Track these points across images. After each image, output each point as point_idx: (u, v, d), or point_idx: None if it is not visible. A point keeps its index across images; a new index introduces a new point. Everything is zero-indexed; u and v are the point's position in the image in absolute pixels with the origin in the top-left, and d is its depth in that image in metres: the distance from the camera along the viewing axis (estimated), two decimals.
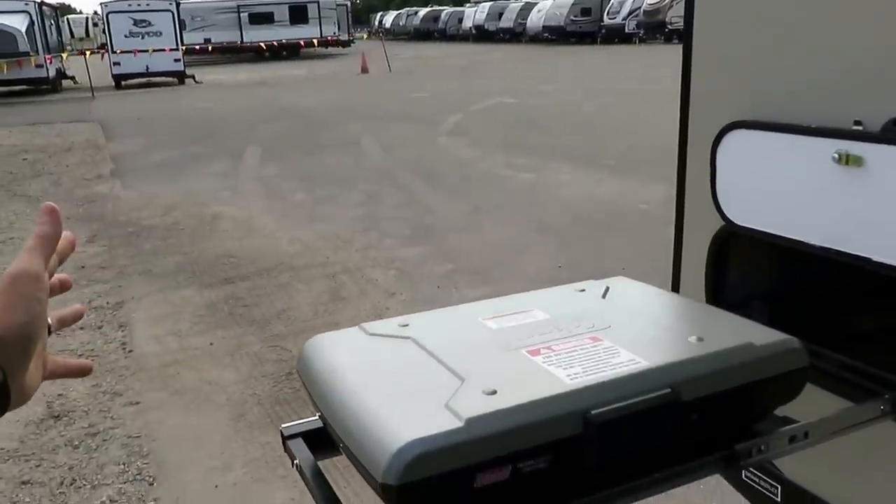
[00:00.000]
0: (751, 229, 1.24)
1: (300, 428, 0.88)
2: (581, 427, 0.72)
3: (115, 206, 7.05)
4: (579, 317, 0.94)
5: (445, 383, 0.75)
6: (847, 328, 1.30)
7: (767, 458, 0.87)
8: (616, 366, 0.79)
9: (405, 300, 4.36)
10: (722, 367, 0.82)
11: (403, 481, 0.63)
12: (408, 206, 6.57)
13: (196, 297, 4.60)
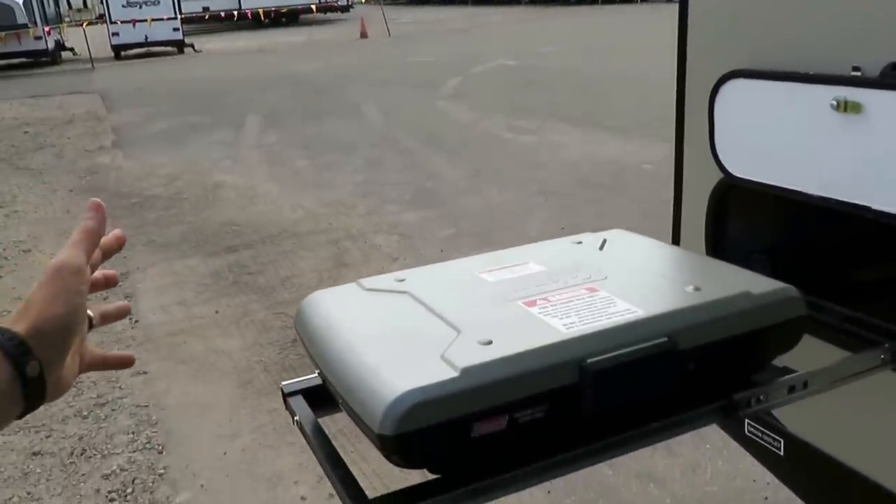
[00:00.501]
0: (750, 181, 1.23)
1: (300, 385, 0.89)
2: (577, 376, 0.72)
3: (117, 176, 7.04)
4: (576, 268, 0.93)
5: (441, 335, 0.75)
6: (846, 279, 1.30)
7: (766, 408, 0.88)
8: (612, 315, 0.79)
9: (408, 265, 4.33)
10: (719, 315, 0.81)
11: (400, 431, 0.64)
12: (409, 171, 6.54)
13: (200, 266, 4.61)
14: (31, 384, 0.58)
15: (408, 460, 0.67)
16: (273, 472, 2.57)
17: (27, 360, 0.57)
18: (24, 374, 0.57)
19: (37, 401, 0.59)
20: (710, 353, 0.81)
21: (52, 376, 0.60)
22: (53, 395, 0.62)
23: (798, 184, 1.14)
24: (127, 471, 2.65)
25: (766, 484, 2.29)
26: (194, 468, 2.65)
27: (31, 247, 5.17)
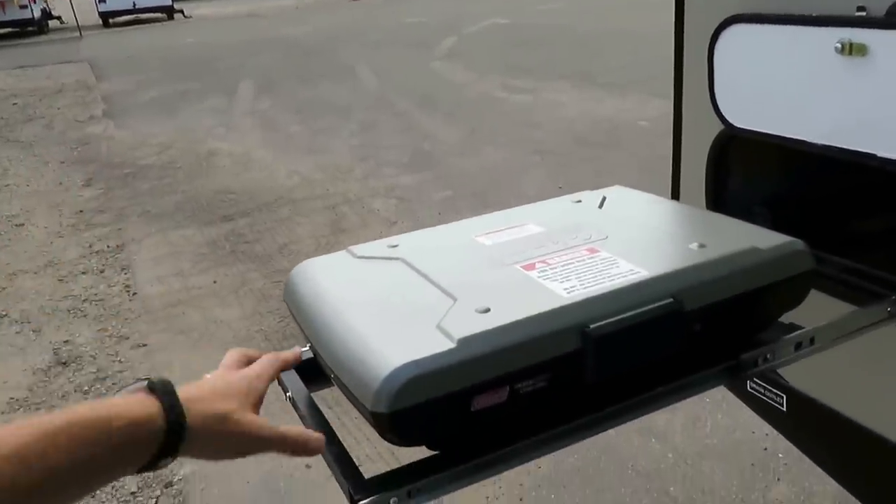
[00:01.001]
0: (751, 131, 1.19)
1: None
2: (579, 342, 0.69)
3: (109, 147, 6.95)
4: (575, 228, 0.90)
5: (437, 303, 0.72)
6: (850, 231, 1.26)
7: (773, 367, 0.85)
8: (614, 277, 0.76)
9: (406, 228, 4.31)
10: (725, 273, 0.78)
11: (395, 408, 0.61)
12: (405, 133, 6.46)
13: (197, 236, 4.57)
14: (171, 433, 0.52)
15: (404, 438, 0.64)
16: None
17: (178, 415, 0.52)
18: (173, 423, 0.52)
19: (169, 451, 0.53)
20: (717, 313, 0.78)
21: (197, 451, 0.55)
22: (194, 451, 0.55)
23: (801, 133, 1.10)
24: None
25: (764, 435, 2.29)
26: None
27: (23, 221, 5.12)
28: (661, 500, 2.11)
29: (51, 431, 0.45)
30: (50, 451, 0.44)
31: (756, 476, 2.17)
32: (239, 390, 0.59)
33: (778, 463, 2.20)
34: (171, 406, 0.51)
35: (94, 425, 0.47)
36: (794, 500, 2.06)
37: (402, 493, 0.65)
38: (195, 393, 0.55)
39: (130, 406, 0.50)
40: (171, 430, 0.51)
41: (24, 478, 0.43)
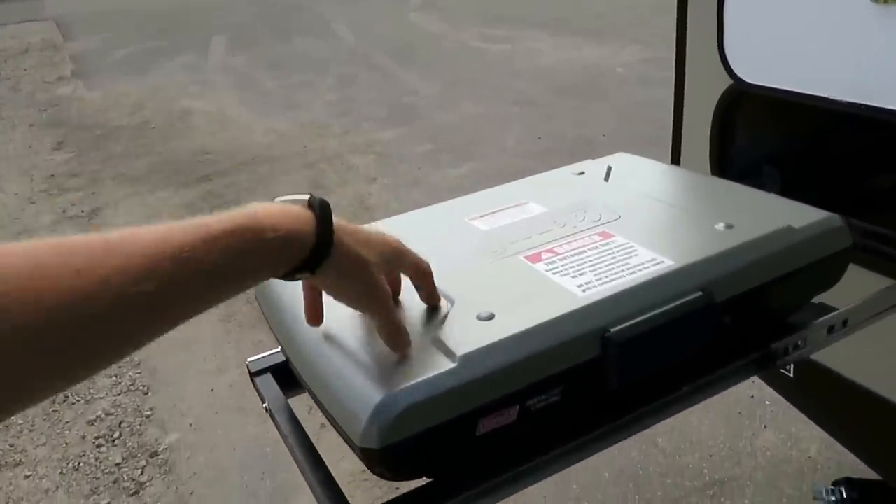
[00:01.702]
0: (764, 87, 1.08)
1: (269, 362, 0.76)
2: (599, 349, 0.59)
3: (79, 108, 6.70)
4: (582, 207, 0.80)
5: (431, 307, 0.62)
6: (872, 195, 1.17)
7: (805, 355, 0.76)
8: (635, 269, 0.66)
9: (387, 184, 4.21)
10: (759, 258, 0.69)
11: (387, 443, 0.51)
12: (383, 87, 6.26)
13: (174, 198, 4.43)
14: (317, 253, 0.51)
15: (398, 473, 0.55)
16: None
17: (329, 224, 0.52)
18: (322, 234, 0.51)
19: (310, 267, 0.52)
20: (748, 302, 0.69)
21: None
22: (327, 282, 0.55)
23: (822, 89, 1.00)
24: (112, 415, 2.57)
25: (751, 383, 2.25)
26: (182, 407, 2.58)
27: None
28: (650, 451, 2.09)
29: (213, 235, 0.46)
30: (210, 255, 0.45)
31: (743, 424, 2.16)
32: (383, 248, 0.57)
33: (765, 410, 2.20)
34: (324, 227, 0.51)
35: (251, 234, 0.47)
36: (780, 446, 2.07)
37: None
38: (350, 228, 0.55)
39: (288, 217, 0.50)
40: (317, 248, 0.51)
41: (182, 276, 0.43)
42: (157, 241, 0.43)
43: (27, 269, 0.38)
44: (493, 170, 4.17)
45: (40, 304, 0.38)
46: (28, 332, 0.37)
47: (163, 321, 0.45)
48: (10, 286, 0.37)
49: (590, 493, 1.99)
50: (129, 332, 0.43)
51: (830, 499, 1.39)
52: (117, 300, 0.40)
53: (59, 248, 0.40)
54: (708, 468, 2.02)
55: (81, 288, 0.39)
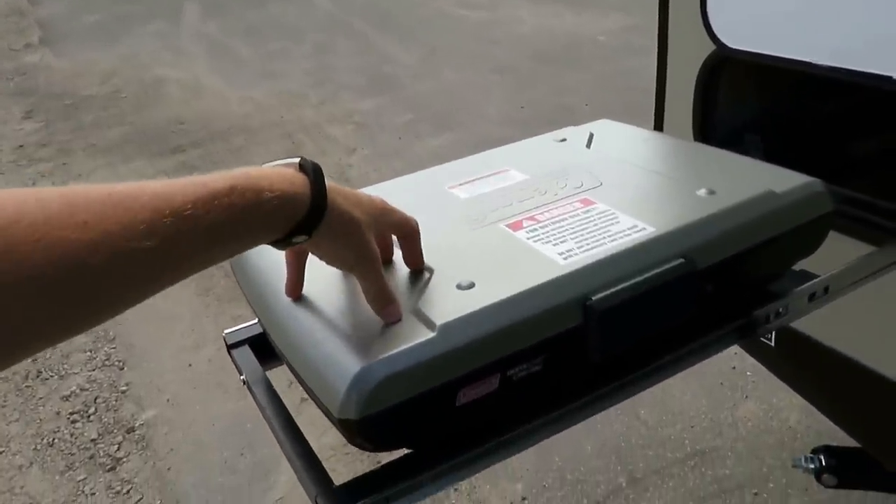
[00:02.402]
0: (747, 52, 1.07)
1: (246, 333, 0.75)
2: (581, 317, 0.59)
3: (48, 76, 6.53)
4: (564, 174, 0.79)
5: (410, 276, 0.61)
6: (854, 162, 1.17)
7: (787, 322, 0.76)
8: (616, 235, 0.65)
9: (367, 155, 4.16)
10: (741, 223, 0.68)
11: (366, 414, 0.50)
12: (361, 55, 6.17)
13: (147, 169, 4.34)
14: (312, 215, 0.51)
15: (378, 443, 0.54)
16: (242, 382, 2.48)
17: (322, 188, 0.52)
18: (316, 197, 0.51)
19: (305, 230, 0.52)
20: (730, 269, 0.69)
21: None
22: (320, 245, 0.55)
23: (804, 53, 0.99)
24: (87, 390, 2.54)
25: (733, 354, 2.28)
26: (159, 383, 2.55)
27: None
28: (633, 423, 2.11)
29: (212, 194, 0.46)
30: (210, 213, 0.45)
31: (725, 395, 2.18)
32: (372, 209, 0.57)
33: (746, 381, 2.22)
34: (318, 190, 0.51)
35: (251, 193, 0.48)
36: (762, 416, 2.09)
37: (378, 500, 0.55)
38: (340, 189, 0.55)
39: (283, 179, 0.50)
40: (313, 211, 0.51)
41: (182, 234, 0.44)
42: (159, 197, 0.43)
43: (41, 218, 0.39)
44: (474, 139, 4.12)
45: (50, 253, 0.38)
46: (36, 280, 0.37)
47: (162, 278, 0.45)
48: (22, 235, 0.37)
49: (572, 465, 2.00)
50: (130, 287, 0.43)
51: (810, 466, 1.41)
52: (120, 255, 0.40)
53: (67, 199, 0.41)
54: (689, 439, 2.04)
55: (88, 240, 0.39)
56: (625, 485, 1.92)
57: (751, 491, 1.85)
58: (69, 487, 2.13)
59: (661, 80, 1.27)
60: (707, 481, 1.90)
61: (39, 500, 2.10)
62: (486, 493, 1.95)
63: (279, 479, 2.07)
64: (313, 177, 0.52)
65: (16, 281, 0.37)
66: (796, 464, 1.44)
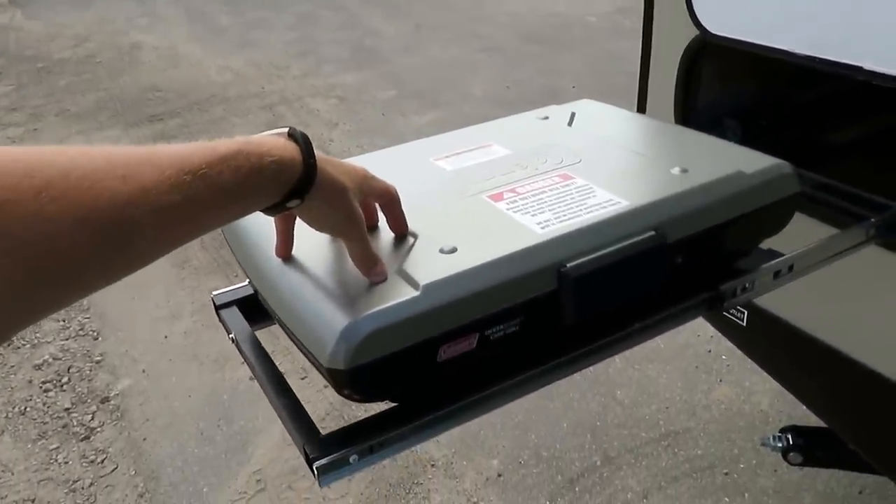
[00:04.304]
0: (729, 39, 1.10)
1: (234, 295, 0.77)
2: (555, 282, 0.62)
3: (18, 38, 6.40)
4: (545, 150, 0.81)
5: (395, 241, 0.64)
6: (829, 149, 1.21)
7: (752, 297, 0.80)
8: (592, 208, 0.68)
9: (349, 130, 4.16)
10: (710, 201, 0.72)
11: (354, 364, 0.53)
12: (345, 28, 6.12)
13: (123, 138, 4.29)
14: (305, 178, 0.55)
15: (364, 394, 0.57)
16: (219, 353, 2.49)
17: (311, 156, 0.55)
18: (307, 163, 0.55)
19: (299, 193, 0.55)
20: (698, 243, 0.72)
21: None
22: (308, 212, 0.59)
23: (782, 41, 1.02)
24: (60, 359, 2.52)
25: (709, 338, 2.34)
26: (134, 353, 2.54)
27: None
28: (609, 403, 2.15)
29: (220, 156, 0.49)
30: (222, 174, 0.49)
31: (699, 378, 2.23)
32: (356, 176, 0.61)
33: (721, 364, 2.27)
34: (308, 154, 0.55)
35: (254, 157, 0.51)
36: (735, 399, 2.14)
37: (363, 450, 0.58)
38: (327, 158, 0.58)
39: (278, 146, 0.54)
40: (306, 175, 0.54)
41: (200, 191, 0.47)
42: (178, 157, 0.47)
43: (89, 169, 0.42)
44: (458, 118, 4.12)
45: (98, 201, 0.42)
46: (86, 223, 0.41)
47: (184, 232, 0.49)
48: (75, 182, 0.41)
49: (548, 442, 2.04)
50: (160, 237, 0.47)
51: (777, 445, 1.45)
52: (153, 206, 0.44)
53: (107, 155, 0.45)
54: (664, 420, 2.09)
55: (127, 192, 0.43)
56: (599, 463, 1.97)
57: (721, 471, 1.91)
58: (42, 456, 2.13)
59: (645, 64, 1.30)
60: (679, 461, 1.95)
61: (12, 468, 2.10)
62: (462, 468, 1.99)
63: (256, 452, 2.09)
64: (303, 144, 0.55)
65: (71, 224, 0.40)
66: (765, 443, 1.48)
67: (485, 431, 2.07)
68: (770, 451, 1.48)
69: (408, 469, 1.99)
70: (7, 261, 0.38)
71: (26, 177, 0.39)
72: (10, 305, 0.39)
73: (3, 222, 0.38)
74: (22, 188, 0.39)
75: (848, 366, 1.11)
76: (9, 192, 0.38)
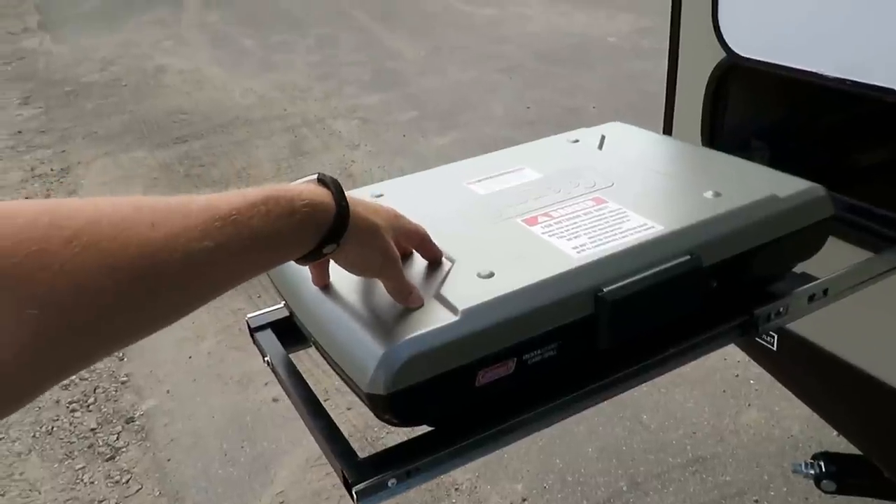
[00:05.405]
0: (757, 61, 1.10)
1: (268, 318, 0.78)
2: (592, 308, 0.62)
3: (47, 62, 6.53)
4: (577, 174, 0.82)
5: (433, 265, 0.64)
6: (860, 170, 1.21)
7: (786, 321, 0.80)
8: (627, 232, 0.68)
9: (371, 151, 4.18)
10: (745, 224, 0.72)
11: (394, 389, 0.54)
12: (366, 50, 6.19)
13: (148, 159, 4.36)
14: (338, 219, 0.55)
15: (402, 419, 0.58)
16: (242, 374, 2.50)
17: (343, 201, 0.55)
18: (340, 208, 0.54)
19: (335, 237, 0.55)
20: (733, 267, 0.72)
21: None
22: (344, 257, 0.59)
23: (812, 64, 1.02)
24: (87, 380, 2.54)
25: (736, 362, 2.31)
26: (159, 374, 2.56)
27: None
28: (635, 427, 2.12)
29: (254, 201, 0.50)
30: (252, 220, 0.49)
31: (727, 402, 2.19)
32: (388, 216, 0.61)
33: (749, 389, 2.23)
34: (340, 196, 0.55)
35: (285, 201, 0.51)
36: (764, 424, 2.10)
37: (400, 474, 0.58)
38: (358, 199, 0.58)
39: (308, 190, 0.54)
40: (339, 216, 0.54)
41: (231, 238, 0.47)
42: (207, 205, 0.48)
43: (117, 218, 0.43)
44: (479, 139, 4.14)
45: (128, 248, 0.42)
46: (117, 271, 0.41)
47: (220, 279, 0.49)
48: (105, 232, 0.41)
49: (573, 466, 2.01)
50: (195, 285, 0.47)
51: (809, 472, 1.41)
52: (184, 253, 0.44)
53: (134, 204, 0.45)
54: (691, 445, 2.05)
55: (156, 240, 0.43)
56: (625, 488, 1.94)
57: (751, 498, 1.87)
58: (68, 475, 2.15)
59: (672, 86, 1.30)
60: (708, 487, 1.91)
61: (38, 486, 2.12)
62: (486, 492, 1.97)
63: (279, 474, 2.09)
64: (333, 188, 0.55)
65: (101, 272, 0.41)
66: (796, 469, 1.44)
67: (508, 455, 2.06)
68: (802, 478, 1.45)
69: (431, 493, 1.98)
70: (37, 310, 0.38)
71: (54, 227, 0.40)
72: (40, 356, 0.39)
73: (32, 271, 0.38)
74: (51, 238, 0.39)
75: (884, 392, 1.09)
76: (39, 243, 0.38)
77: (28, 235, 0.39)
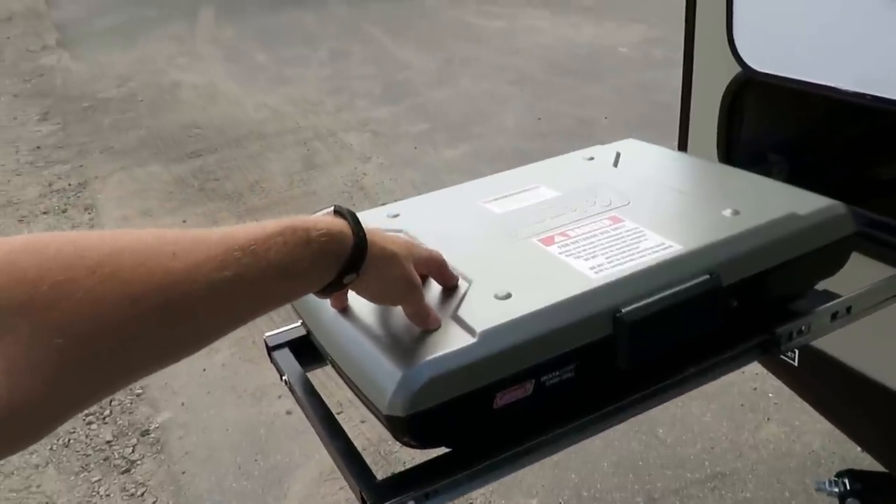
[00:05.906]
0: (773, 76, 1.10)
1: (286, 336, 0.78)
2: (611, 328, 0.62)
3: (65, 78, 6.61)
4: (592, 192, 0.81)
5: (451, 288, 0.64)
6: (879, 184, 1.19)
7: (809, 340, 0.79)
8: (644, 252, 0.68)
9: (382, 164, 4.20)
10: (764, 243, 0.71)
11: (412, 412, 0.53)
12: (377, 63, 6.22)
13: (163, 173, 4.39)
14: (357, 249, 0.55)
15: (421, 440, 0.57)
16: (256, 387, 2.51)
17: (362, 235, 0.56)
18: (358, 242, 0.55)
19: (354, 267, 0.55)
20: (754, 286, 0.71)
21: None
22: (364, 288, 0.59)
23: (829, 78, 1.01)
24: None
25: (754, 375, 2.28)
26: (173, 386, 2.57)
27: None
28: (651, 442, 2.10)
29: (272, 232, 0.50)
30: (270, 250, 0.49)
31: (746, 416, 2.16)
32: (405, 244, 0.61)
33: (768, 402, 2.20)
34: (357, 226, 0.55)
35: (302, 231, 0.52)
36: (784, 439, 2.06)
37: (418, 496, 0.58)
38: (375, 230, 0.58)
39: (324, 220, 0.55)
40: (357, 247, 0.54)
41: (249, 268, 0.48)
42: (227, 235, 0.49)
43: (140, 247, 0.44)
44: (490, 151, 4.14)
45: (151, 277, 0.43)
46: (140, 301, 0.42)
47: (242, 309, 0.49)
48: (128, 262, 0.42)
49: (588, 482, 1.99)
50: (218, 315, 0.48)
51: (833, 490, 1.39)
52: (206, 283, 0.45)
53: (156, 235, 0.46)
54: (709, 460, 2.02)
55: (177, 270, 0.44)
56: None
57: None
58: (84, 488, 2.16)
59: (686, 100, 1.29)
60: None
61: (55, 499, 2.13)
62: None
63: (293, 487, 2.08)
64: (350, 218, 0.56)
65: (123, 301, 0.41)
66: (819, 487, 1.41)
67: (523, 470, 2.04)
68: (826, 496, 1.42)
69: None
70: (61, 339, 0.39)
71: (78, 257, 0.40)
72: (63, 384, 0.39)
73: (56, 300, 0.39)
74: (75, 268, 0.40)
75: None
76: (64, 272, 0.39)
77: (53, 266, 0.39)
